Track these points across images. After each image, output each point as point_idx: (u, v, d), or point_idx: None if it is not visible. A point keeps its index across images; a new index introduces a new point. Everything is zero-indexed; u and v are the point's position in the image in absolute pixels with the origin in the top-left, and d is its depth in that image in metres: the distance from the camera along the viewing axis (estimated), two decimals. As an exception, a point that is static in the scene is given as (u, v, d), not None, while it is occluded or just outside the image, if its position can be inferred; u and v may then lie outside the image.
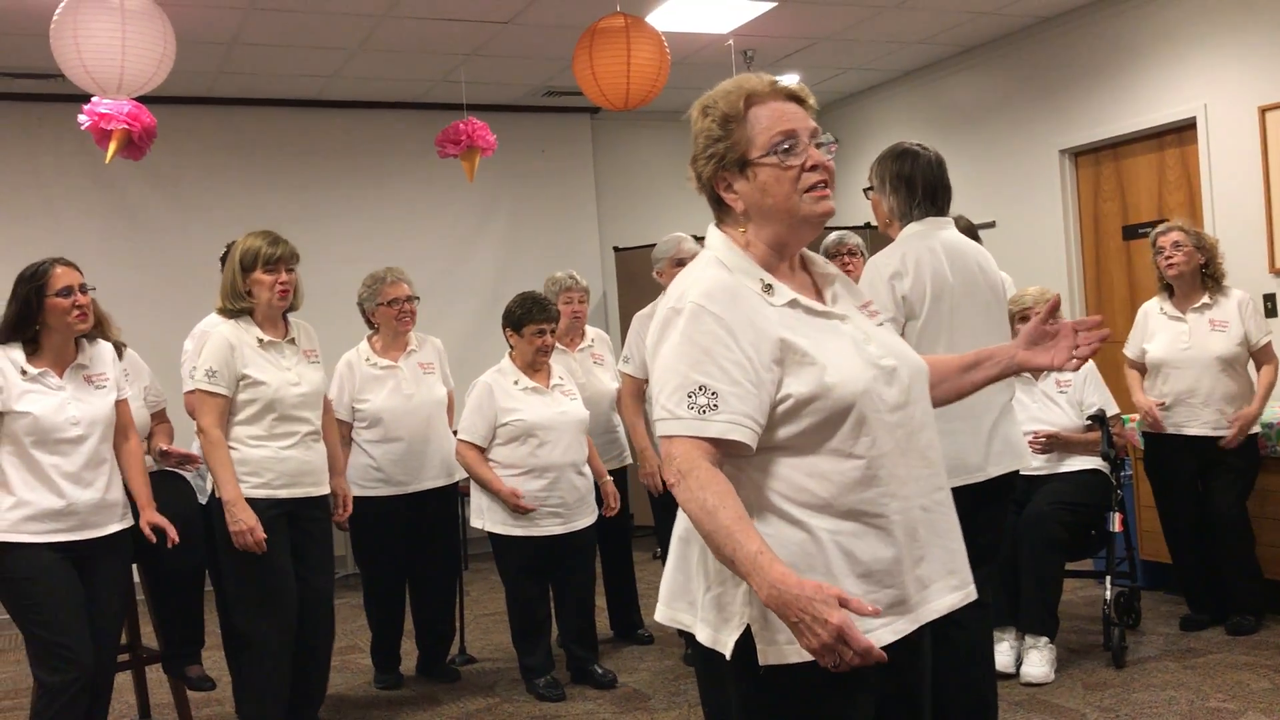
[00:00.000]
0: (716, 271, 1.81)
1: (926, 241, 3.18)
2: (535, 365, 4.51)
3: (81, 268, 3.58)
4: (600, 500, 4.73)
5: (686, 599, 1.87)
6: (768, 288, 1.81)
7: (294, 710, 3.80)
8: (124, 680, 4.53)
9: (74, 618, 3.39)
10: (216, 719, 4.43)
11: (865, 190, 3.38)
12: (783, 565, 1.63)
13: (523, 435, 4.37)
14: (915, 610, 1.81)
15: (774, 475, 1.78)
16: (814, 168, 1.81)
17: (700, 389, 1.71)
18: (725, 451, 1.74)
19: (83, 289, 3.52)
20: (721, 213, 1.90)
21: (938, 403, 2.02)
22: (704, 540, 1.71)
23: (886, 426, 1.79)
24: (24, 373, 3.42)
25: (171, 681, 4.24)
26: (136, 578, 4.17)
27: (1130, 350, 4.96)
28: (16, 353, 3.46)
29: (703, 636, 1.81)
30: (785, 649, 1.71)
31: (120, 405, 3.64)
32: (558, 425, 4.40)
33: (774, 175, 1.81)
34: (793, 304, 1.82)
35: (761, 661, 1.73)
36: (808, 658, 1.65)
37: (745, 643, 1.74)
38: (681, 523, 1.88)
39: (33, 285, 3.47)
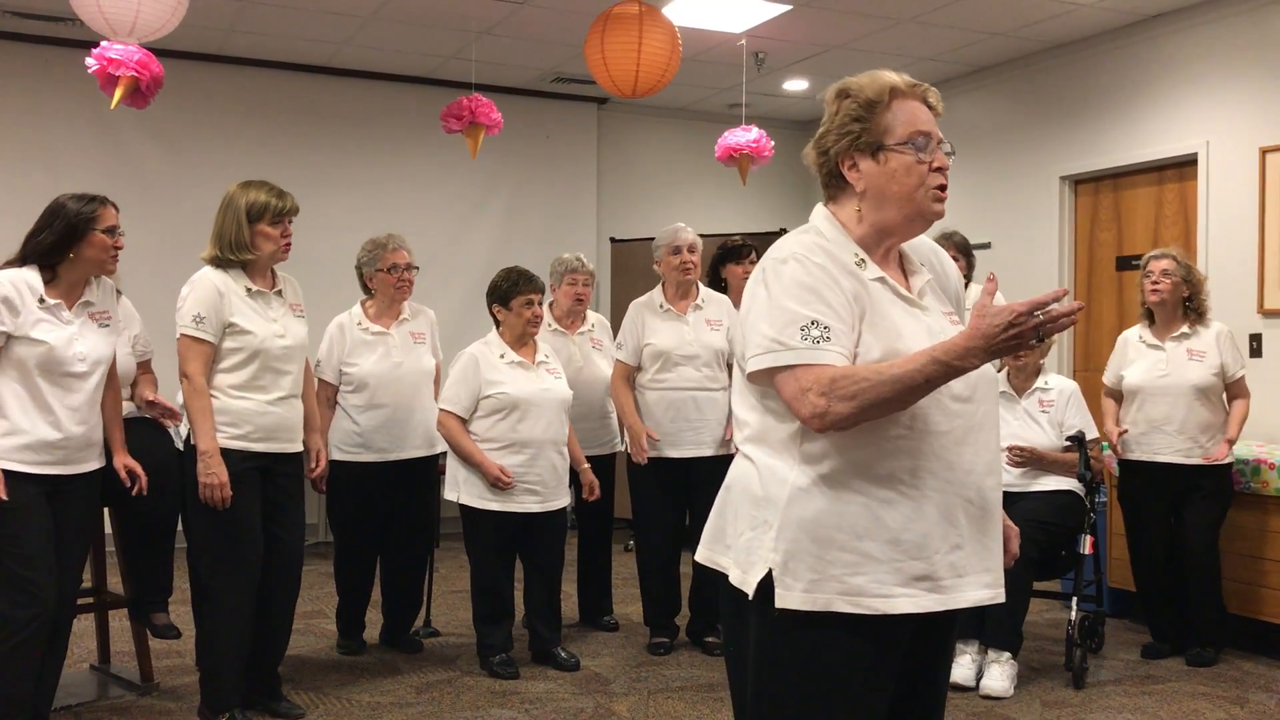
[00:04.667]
0: (815, 238, 1.93)
1: None
2: (524, 339, 4.51)
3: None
4: (576, 485, 4.76)
5: (724, 542, 1.98)
6: (860, 261, 1.91)
7: (254, 664, 3.78)
8: (87, 625, 4.52)
9: (45, 554, 3.37)
10: (176, 670, 4.42)
11: None
12: (953, 338, 1.76)
13: (505, 409, 4.37)
14: (945, 593, 1.87)
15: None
16: (940, 169, 1.92)
17: (813, 323, 1.80)
18: None
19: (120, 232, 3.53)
20: (835, 190, 1.98)
21: None
22: (896, 399, 1.76)
23: (944, 410, 1.86)
24: (41, 301, 3.38)
25: (134, 629, 4.23)
26: (109, 526, 4.18)
27: (1108, 377, 4.98)
28: (35, 279, 3.40)
29: (733, 577, 1.93)
30: (800, 596, 1.83)
31: None
32: (540, 401, 4.41)
33: (906, 165, 1.90)
34: (881, 280, 1.92)
35: (778, 604, 1.84)
36: (818, 607, 1.81)
37: (767, 586, 1.85)
38: (731, 472, 1.99)
39: (82, 215, 3.42)
